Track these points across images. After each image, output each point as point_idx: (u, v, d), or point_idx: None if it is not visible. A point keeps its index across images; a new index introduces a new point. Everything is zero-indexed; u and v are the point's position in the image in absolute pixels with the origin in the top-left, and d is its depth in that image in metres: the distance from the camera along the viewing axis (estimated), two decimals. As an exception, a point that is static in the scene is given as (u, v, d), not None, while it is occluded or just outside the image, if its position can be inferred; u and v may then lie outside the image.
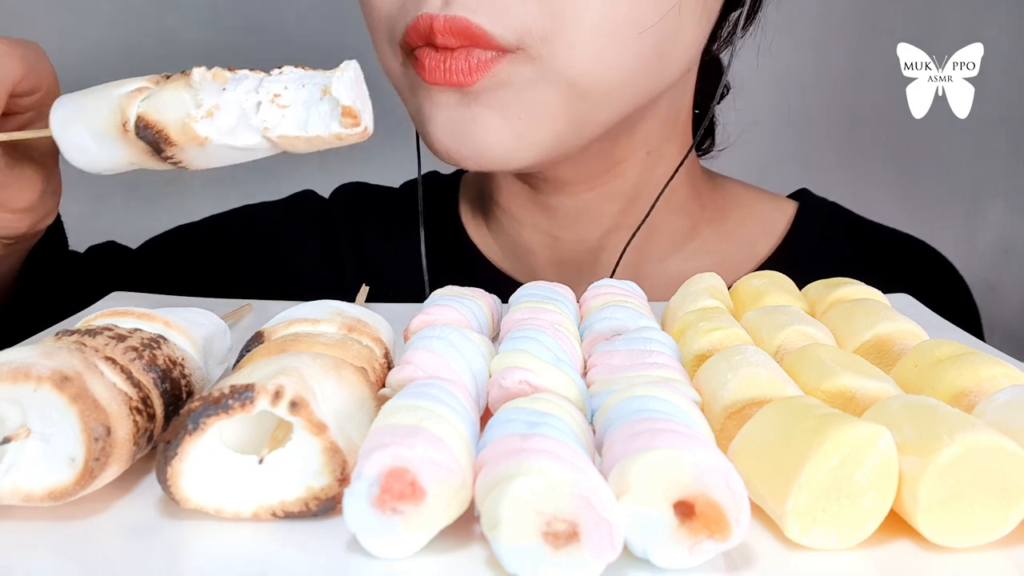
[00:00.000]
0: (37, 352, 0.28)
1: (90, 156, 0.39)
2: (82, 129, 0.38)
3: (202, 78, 0.37)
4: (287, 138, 0.38)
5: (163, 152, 0.38)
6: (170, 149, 0.38)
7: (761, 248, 0.64)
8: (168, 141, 0.37)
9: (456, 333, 0.34)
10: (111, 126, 0.38)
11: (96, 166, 0.39)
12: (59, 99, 0.40)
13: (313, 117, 0.37)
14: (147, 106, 0.37)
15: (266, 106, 0.37)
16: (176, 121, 0.37)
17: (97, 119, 0.38)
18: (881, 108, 0.94)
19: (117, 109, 0.38)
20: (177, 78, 0.38)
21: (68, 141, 0.39)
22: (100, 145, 0.39)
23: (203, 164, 0.39)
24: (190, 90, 0.37)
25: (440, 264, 0.64)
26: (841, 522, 0.26)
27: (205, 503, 0.27)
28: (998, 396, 0.29)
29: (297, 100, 0.37)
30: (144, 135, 0.37)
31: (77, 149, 0.39)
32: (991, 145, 0.96)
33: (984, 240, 0.99)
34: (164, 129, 0.37)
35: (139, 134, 0.37)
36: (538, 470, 0.23)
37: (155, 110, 0.37)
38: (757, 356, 0.32)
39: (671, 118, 0.58)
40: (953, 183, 0.99)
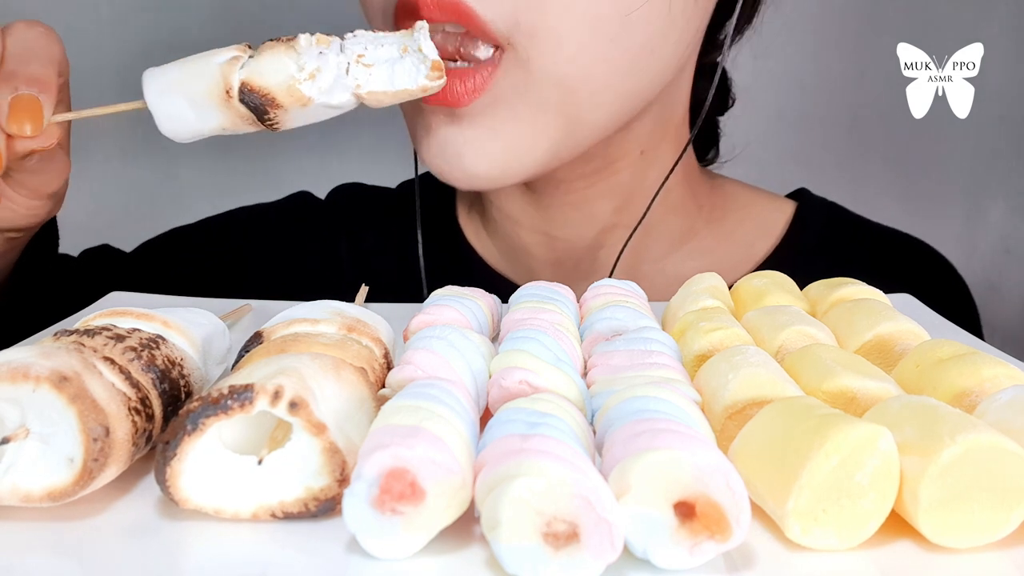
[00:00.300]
0: (36, 352, 0.28)
1: (183, 124, 0.41)
2: (180, 98, 0.41)
3: (308, 43, 0.41)
4: (375, 94, 0.42)
5: (266, 115, 0.41)
6: (274, 111, 0.41)
7: (759, 248, 0.64)
8: (274, 104, 0.40)
9: (456, 333, 0.34)
10: (213, 94, 0.40)
11: (185, 134, 0.42)
12: (148, 72, 0.41)
13: (399, 73, 0.42)
14: (249, 73, 0.40)
15: (354, 66, 0.41)
16: (281, 84, 0.40)
17: (197, 88, 0.40)
18: (881, 108, 0.94)
19: (219, 78, 0.40)
20: (273, 45, 0.41)
21: (163, 110, 0.41)
22: (197, 112, 0.41)
23: (297, 123, 0.42)
24: (293, 55, 0.40)
25: (437, 265, 0.64)
26: (842, 522, 0.26)
27: (204, 504, 0.27)
28: (999, 396, 0.29)
29: (379, 59, 0.42)
30: (248, 99, 0.40)
31: (172, 118, 0.41)
32: (991, 145, 0.96)
33: (985, 240, 0.99)
34: (270, 92, 0.40)
35: (243, 99, 0.40)
36: (538, 470, 0.23)
37: (259, 76, 0.40)
38: (758, 356, 0.32)
39: (665, 118, 0.58)
40: (953, 183, 0.99)
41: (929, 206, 0.98)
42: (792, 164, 0.97)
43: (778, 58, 0.94)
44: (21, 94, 0.39)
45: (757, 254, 0.63)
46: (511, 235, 0.63)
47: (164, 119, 0.41)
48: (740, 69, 0.66)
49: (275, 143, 0.97)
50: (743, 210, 0.66)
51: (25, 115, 0.39)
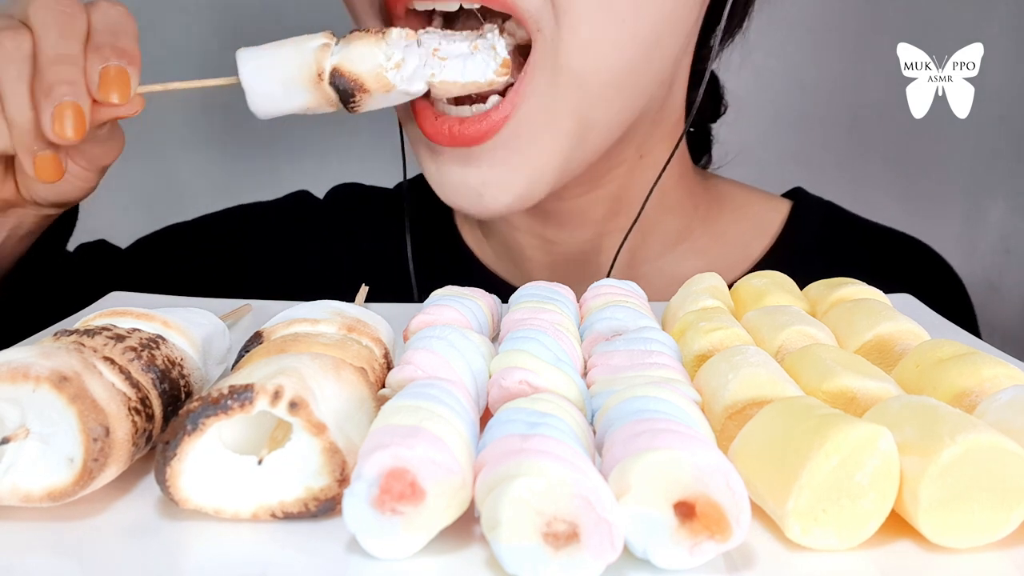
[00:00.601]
0: (36, 352, 0.28)
1: (271, 101, 0.45)
2: (273, 78, 0.44)
3: (399, 36, 0.45)
4: (446, 83, 0.47)
5: (352, 98, 0.45)
6: (360, 95, 0.45)
7: (756, 247, 0.64)
8: (363, 88, 0.45)
9: (456, 333, 0.34)
10: (305, 77, 0.44)
11: (271, 110, 0.46)
12: (241, 51, 0.45)
13: (470, 67, 0.46)
14: (341, 60, 0.44)
15: (430, 59, 0.46)
16: (370, 71, 0.44)
17: (291, 70, 0.44)
18: (881, 108, 0.94)
19: (312, 62, 0.44)
20: (363, 35, 0.45)
21: (256, 87, 0.45)
22: (287, 92, 0.45)
23: (374, 107, 0.47)
24: (383, 46, 0.44)
25: (434, 266, 0.64)
26: (842, 522, 0.26)
27: (204, 504, 0.27)
28: (999, 396, 0.29)
29: (452, 53, 0.46)
30: (339, 83, 0.44)
31: (262, 95, 0.45)
32: (991, 145, 0.96)
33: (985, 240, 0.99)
34: (360, 78, 0.44)
35: (333, 82, 0.44)
36: (538, 470, 0.23)
37: (350, 62, 0.44)
38: (758, 356, 0.32)
39: (660, 122, 0.58)
40: (953, 183, 0.99)
41: (929, 206, 0.98)
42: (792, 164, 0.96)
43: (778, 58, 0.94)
44: (111, 65, 0.41)
45: (753, 253, 0.63)
46: (507, 238, 0.63)
47: (255, 96, 0.45)
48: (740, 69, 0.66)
49: (275, 143, 0.97)
50: (739, 210, 0.66)
51: (114, 85, 0.41)
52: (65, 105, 0.40)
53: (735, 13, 0.57)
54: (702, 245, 0.63)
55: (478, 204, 0.50)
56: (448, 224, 0.67)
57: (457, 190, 0.50)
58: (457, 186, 0.50)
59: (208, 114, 0.96)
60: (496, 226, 0.63)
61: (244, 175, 0.98)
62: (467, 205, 0.51)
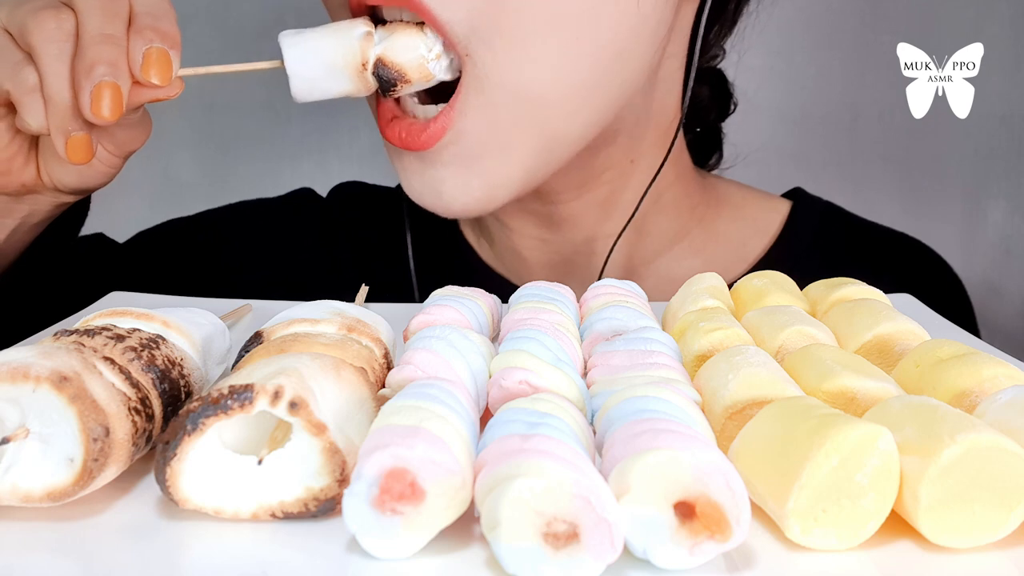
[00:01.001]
0: (36, 352, 0.28)
1: (313, 85, 0.46)
2: (317, 63, 0.45)
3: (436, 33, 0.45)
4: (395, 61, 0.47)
5: (393, 88, 0.46)
6: (403, 86, 0.46)
7: (754, 247, 0.64)
8: (404, 79, 0.46)
9: (456, 333, 0.34)
10: (349, 64, 0.45)
11: (312, 94, 0.46)
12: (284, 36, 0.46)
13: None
14: (385, 50, 0.45)
15: None
16: (413, 62, 0.46)
17: (336, 57, 0.45)
18: (881, 108, 0.94)
19: (357, 51, 0.45)
20: (406, 26, 0.46)
21: (299, 72, 0.46)
22: (329, 77, 0.46)
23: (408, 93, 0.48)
24: (424, 38, 0.45)
25: (435, 265, 0.64)
26: (842, 523, 0.26)
27: (204, 504, 0.27)
28: (999, 396, 0.29)
29: None
30: (382, 72, 0.46)
31: (304, 79, 0.46)
32: (991, 145, 0.96)
33: (985, 240, 0.99)
34: (402, 68, 0.46)
35: (376, 72, 0.46)
36: (538, 471, 0.23)
37: (393, 53, 0.45)
38: (758, 356, 0.32)
39: (652, 125, 0.58)
40: (953, 183, 0.99)
41: (929, 206, 0.98)
42: (792, 164, 0.96)
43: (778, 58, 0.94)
44: (154, 47, 0.42)
45: (751, 253, 0.63)
46: (505, 238, 0.63)
47: (297, 79, 0.46)
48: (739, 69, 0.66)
49: (275, 143, 0.97)
50: (737, 209, 0.65)
51: (156, 66, 0.42)
52: (104, 84, 0.40)
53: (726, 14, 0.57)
54: (699, 245, 0.63)
55: (439, 203, 0.51)
56: (449, 223, 0.67)
57: (419, 189, 0.51)
58: (419, 185, 0.51)
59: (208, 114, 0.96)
60: (493, 227, 0.63)
61: (244, 175, 0.98)
62: (430, 203, 0.51)
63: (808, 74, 0.97)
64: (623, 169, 0.58)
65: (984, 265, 0.98)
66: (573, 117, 0.50)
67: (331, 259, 0.67)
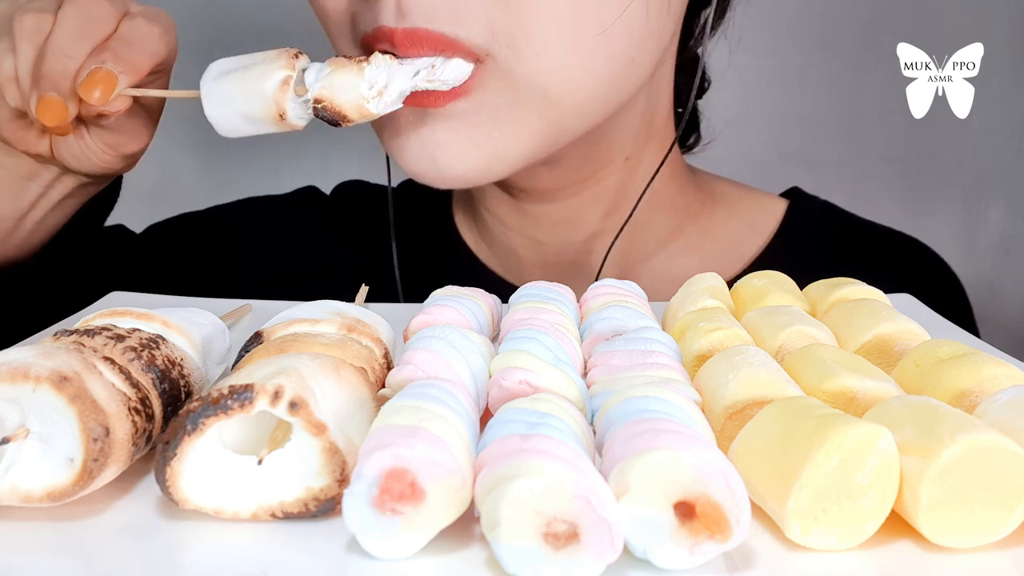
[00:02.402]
0: (36, 352, 0.28)
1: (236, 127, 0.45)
2: (233, 113, 0.45)
3: (378, 62, 0.44)
4: None
5: (338, 125, 0.44)
6: (345, 124, 0.44)
7: (750, 246, 0.63)
8: (346, 120, 0.44)
9: (456, 333, 0.34)
10: (266, 116, 0.44)
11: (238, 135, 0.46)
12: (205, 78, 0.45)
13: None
14: (323, 90, 0.43)
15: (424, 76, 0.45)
16: (351, 103, 0.44)
17: (252, 109, 0.44)
18: (881, 108, 0.94)
19: (272, 103, 0.44)
20: (345, 63, 0.44)
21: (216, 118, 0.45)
22: (248, 123, 0.45)
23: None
24: (362, 74, 0.43)
25: (433, 265, 0.64)
26: (842, 523, 0.26)
27: (204, 504, 0.27)
28: (999, 396, 0.29)
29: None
30: (323, 115, 0.44)
31: (223, 123, 0.45)
32: (991, 145, 0.96)
33: (985, 240, 0.99)
34: (342, 110, 0.44)
35: (318, 114, 0.44)
36: (538, 471, 0.23)
37: (331, 94, 0.43)
38: (758, 356, 0.32)
39: (647, 121, 0.58)
40: (953, 183, 0.99)
41: (929, 206, 0.98)
42: (792, 164, 0.97)
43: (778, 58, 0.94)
44: (101, 67, 0.44)
45: (747, 252, 0.63)
46: (501, 238, 0.63)
47: (219, 125, 0.45)
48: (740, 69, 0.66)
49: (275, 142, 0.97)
50: (732, 208, 0.65)
51: (96, 85, 0.44)
52: (46, 97, 0.44)
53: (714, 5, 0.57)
54: (695, 243, 0.63)
55: (434, 170, 0.49)
56: (447, 223, 0.67)
57: (414, 153, 0.49)
58: (414, 149, 0.49)
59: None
60: (490, 225, 0.63)
61: (244, 175, 0.98)
62: (423, 170, 0.49)
63: (808, 74, 0.97)
64: (619, 167, 0.58)
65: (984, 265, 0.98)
66: (585, 115, 0.50)
67: (333, 258, 0.67)
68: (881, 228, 0.68)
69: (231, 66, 0.45)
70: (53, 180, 0.51)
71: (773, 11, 0.61)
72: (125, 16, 0.47)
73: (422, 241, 0.66)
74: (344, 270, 0.67)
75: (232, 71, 0.45)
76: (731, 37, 0.61)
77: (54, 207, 0.52)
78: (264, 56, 0.45)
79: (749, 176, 0.69)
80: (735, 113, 0.68)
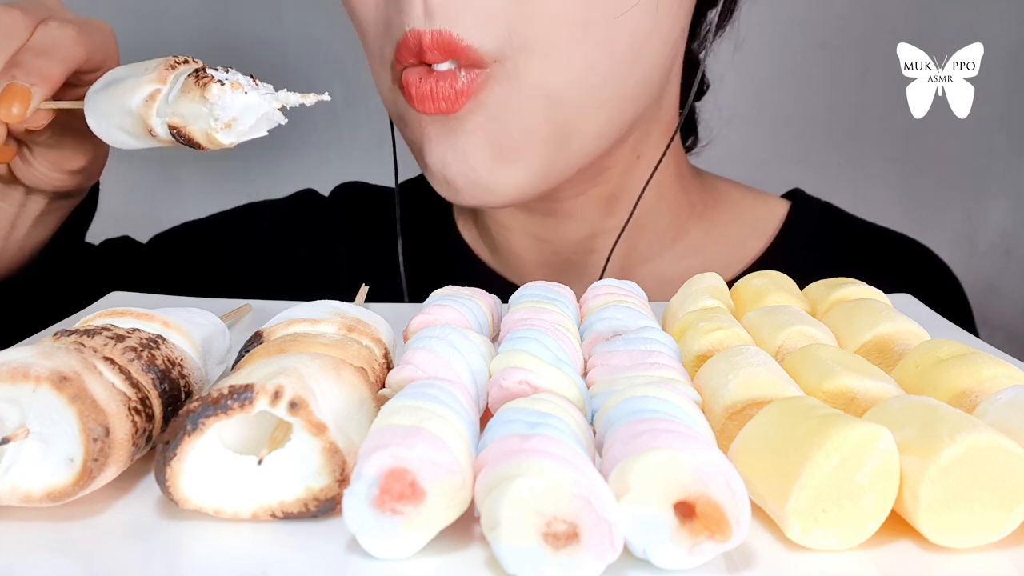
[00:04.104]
0: (36, 352, 0.28)
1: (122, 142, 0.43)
2: (111, 127, 0.42)
3: (219, 93, 0.39)
4: None
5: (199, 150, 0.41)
6: (200, 150, 0.41)
7: (752, 247, 0.64)
8: (200, 147, 0.41)
9: (456, 333, 0.34)
10: (139, 131, 0.41)
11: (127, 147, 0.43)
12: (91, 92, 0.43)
13: None
14: (173, 117, 0.40)
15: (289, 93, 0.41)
16: (201, 132, 0.40)
17: (124, 125, 0.42)
18: (881, 108, 0.94)
19: (138, 120, 0.41)
20: (190, 88, 0.40)
21: (103, 134, 0.43)
22: (133, 139, 0.42)
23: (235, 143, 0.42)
24: (205, 103, 0.39)
25: (434, 265, 0.64)
26: (842, 523, 0.25)
27: (204, 504, 0.27)
28: (999, 396, 0.29)
29: None
30: (179, 139, 0.41)
31: (112, 140, 0.43)
32: (991, 145, 0.96)
33: (985, 240, 0.99)
34: (194, 138, 0.40)
35: (175, 138, 0.41)
36: (538, 471, 0.23)
37: (182, 121, 0.40)
38: (758, 356, 0.32)
39: (658, 119, 0.58)
40: (954, 183, 0.99)
41: (929, 206, 0.98)
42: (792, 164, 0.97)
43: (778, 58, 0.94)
44: (13, 83, 0.43)
45: (750, 253, 0.63)
46: (502, 238, 0.63)
47: (105, 139, 0.43)
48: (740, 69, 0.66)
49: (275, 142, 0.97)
50: (735, 208, 0.65)
51: (11, 102, 0.42)
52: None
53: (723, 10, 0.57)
54: (698, 244, 0.63)
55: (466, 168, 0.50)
56: (448, 223, 0.67)
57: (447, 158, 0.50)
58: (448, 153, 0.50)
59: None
60: (490, 226, 0.63)
61: (244, 175, 0.98)
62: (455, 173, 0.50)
63: (808, 74, 0.97)
64: (628, 164, 0.58)
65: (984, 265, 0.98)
66: (589, 114, 0.51)
67: (333, 259, 0.67)
68: (882, 230, 0.68)
69: (114, 76, 0.43)
70: (24, 199, 0.50)
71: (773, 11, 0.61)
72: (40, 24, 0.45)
73: (424, 241, 0.66)
74: (345, 272, 0.67)
75: (112, 83, 0.43)
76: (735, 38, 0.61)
77: (34, 223, 0.52)
78: (145, 67, 0.42)
79: (748, 176, 0.69)
80: (734, 113, 0.68)
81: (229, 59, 0.46)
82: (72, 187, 0.50)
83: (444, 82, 0.47)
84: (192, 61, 0.42)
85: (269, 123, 0.41)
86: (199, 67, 0.41)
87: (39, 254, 0.54)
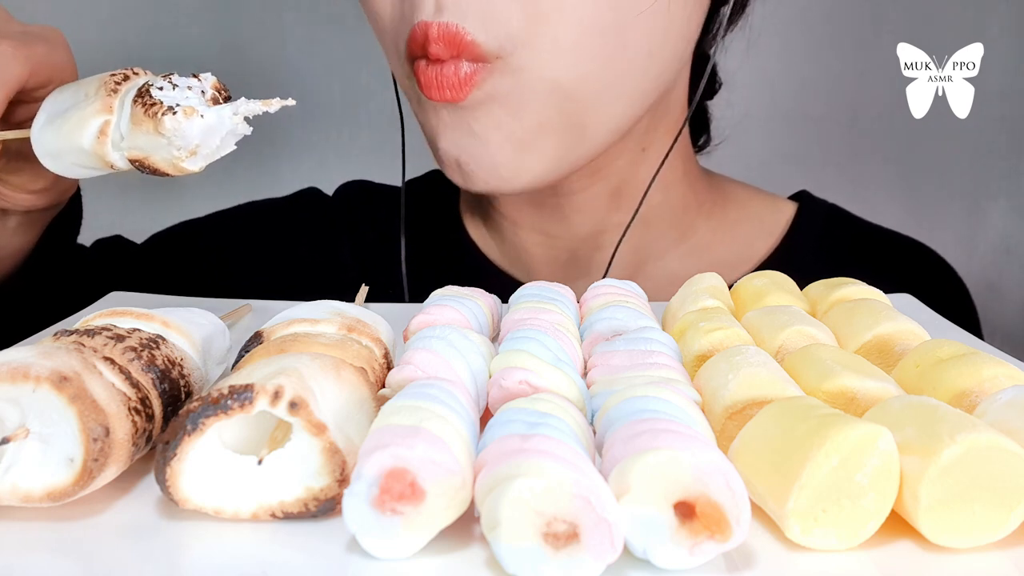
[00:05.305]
0: (36, 352, 0.28)
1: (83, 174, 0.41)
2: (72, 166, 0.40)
3: (174, 125, 0.37)
4: None
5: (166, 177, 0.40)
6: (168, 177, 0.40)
7: (760, 247, 0.64)
8: (166, 176, 0.39)
9: (456, 333, 0.34)
10: (98, 165, 0.40)
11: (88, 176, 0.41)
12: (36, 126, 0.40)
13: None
14: (132, 151, 0.38)
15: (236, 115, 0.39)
16: (166, 162, 0.38)
17: (81, 161, 0.40)
18: (881, 108, 0.94)
19: (95, 156, 0.39)
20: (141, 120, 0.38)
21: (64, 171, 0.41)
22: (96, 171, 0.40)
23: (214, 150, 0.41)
24: (161, 133, 0.37)
25: (440, 263, 0.64)
26: (842, 523, 0.26)
27: (204, 504, 0.27)
28: (999, 396, 0.29)
29: None
30: (143, 171, 0.39)
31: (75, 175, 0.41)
32: (991, 145, 0.96)
33: (985, 240, 0.99)
34: (159, 168, 0.39)
35: (139, 170, 0.39)
36: (538, 471, 0.23)
37: (142, 153, 0.38)
38: (758, 356, 0.32)
39: (664, 114, 0.58)
40: (954, 183, 0.99)
41: (929, 206, 0.98)
42: (792, 164, 0.97)
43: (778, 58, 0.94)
44: None
45: (757, 253, 0.63)
46: (510, 235, 0.63)
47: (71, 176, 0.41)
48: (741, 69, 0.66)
49: (276, 144, 0.97)
50: (743, 209, 0.66)
51: None
52: None
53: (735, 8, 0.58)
54: (706, 242, 0.64)
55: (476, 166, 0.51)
56: (455, 221, 0.67)
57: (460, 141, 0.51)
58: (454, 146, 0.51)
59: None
60: (498, 223, 0.63)
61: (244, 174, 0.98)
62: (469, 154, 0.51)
63: (808, 74, 0.97)
64: (635, 157, 0.58)
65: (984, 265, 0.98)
66: (603, 110, 0.51)
67: (337, 258, 0.67)
68: (889, 232, 0.68)
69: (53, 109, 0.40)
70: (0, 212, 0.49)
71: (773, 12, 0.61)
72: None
73: (430, 240, 0.66)
74: (349, 271, 0.67)
75: (54, 117, 0.40)
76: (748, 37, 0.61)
77: (12, 234, 0.50)
78: (84, 93, 0.40)
79: (748, 175, 0.70)
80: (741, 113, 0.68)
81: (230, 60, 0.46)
82: (44, 204, 0.49)
83: (448, 69, 0.48)
84: (132, 73, 0.40)
85: (235, 136, 0.40)
86: (141, 85, 0.39)
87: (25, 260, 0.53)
